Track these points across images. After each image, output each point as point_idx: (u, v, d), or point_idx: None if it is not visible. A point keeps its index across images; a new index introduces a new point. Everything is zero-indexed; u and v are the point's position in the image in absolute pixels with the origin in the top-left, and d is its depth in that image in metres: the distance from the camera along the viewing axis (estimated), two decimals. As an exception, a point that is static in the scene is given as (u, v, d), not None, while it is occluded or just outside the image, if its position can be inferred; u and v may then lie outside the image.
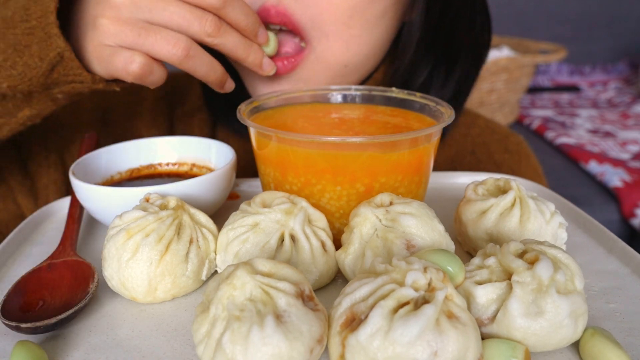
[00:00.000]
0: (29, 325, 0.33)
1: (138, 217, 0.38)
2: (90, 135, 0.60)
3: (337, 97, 0.55)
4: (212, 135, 0.77)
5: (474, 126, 0.77)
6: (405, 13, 0.63)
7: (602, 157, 1.35)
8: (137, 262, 0.37)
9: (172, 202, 0.40)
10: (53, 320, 0.34)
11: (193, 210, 0.42)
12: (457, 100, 0.69)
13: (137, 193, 0.44)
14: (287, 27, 0.55)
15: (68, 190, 0.68)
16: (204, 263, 0.40)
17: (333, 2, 0.54)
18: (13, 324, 0.33)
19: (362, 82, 0.68)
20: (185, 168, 0.56)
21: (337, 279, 0.42)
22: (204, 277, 0.40)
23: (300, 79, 0.59)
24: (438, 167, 0.74)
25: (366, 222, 0.39)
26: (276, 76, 0.58)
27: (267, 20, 0.54)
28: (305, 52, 0.57)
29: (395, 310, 0.29)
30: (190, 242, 0.39)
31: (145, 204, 0.40)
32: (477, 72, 0.70)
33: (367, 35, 0.58)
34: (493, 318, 0.32)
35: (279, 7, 0.54)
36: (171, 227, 0.38)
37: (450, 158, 0.75)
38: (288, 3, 0.54)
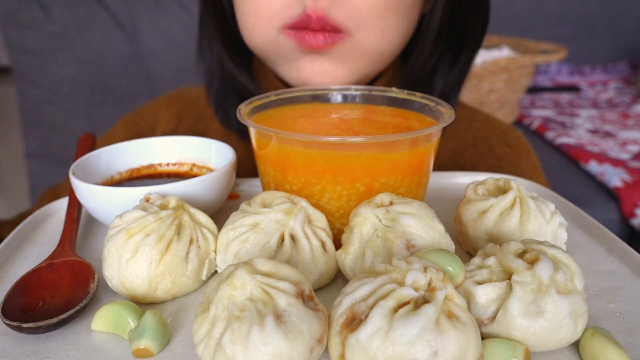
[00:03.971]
0: (30, 325, 0.33)
1: (138, 217, 0.38)
2: (87, 135, 0.60)
3: (337, 97, 0.55)
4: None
5: (474, 121, 0.78)
6: (424, 4, 0.65)
7: (602, 157, 1.35)
8: (137, 262, 0.37)
9: (172, 202, 0.40)
10: (54, 320, 0.34)
11: (193, 210, 0.42)
12: (457, 87, 0.72)
13: (137, 193, 0.43)
14: (326, 29, 0.57)
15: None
16: (204, 263, 0.40)
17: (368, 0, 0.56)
18: (15, 323, 0.33)
19: (379, 74, 0.69)
20: (185, 168, 0.56)
21: (337, 279, 0.42)
22: (204, 277, 0.40)
23: (338, 59, 0.60)
24: (440, 161, 0.75)
25: (366, 222, 0.39)
26: (316, 54, 0.59)
27: (309, 27, 0.56)
28: (345, 36, 0.58)
29: (396, 310, 0.29)
30: (191, 242, 0.39)
31: (145, 204, 0.40)
32: (473, 60, 0.72)
33: (400, 25, 0.61)
34: (493, 318, 0.32)
35: (318, 12, 0.55)
36: (171, 227, 0.38)
37: (452, 151, 0.76)
38: (325, 6, 0.55)
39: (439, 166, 0.74)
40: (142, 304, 0.38)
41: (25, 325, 0.33)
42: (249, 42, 0.64)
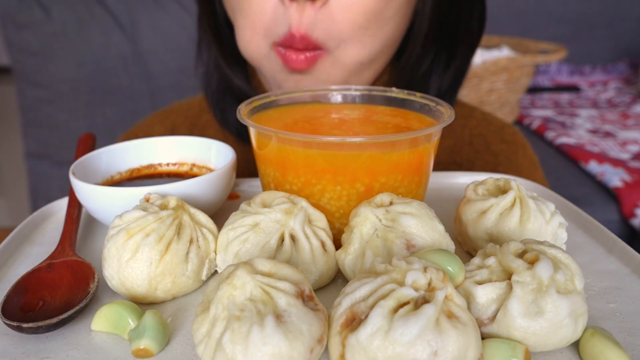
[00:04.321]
0: (30, 325, 0.33)
1: (138, 217, 0.38)
2: (87, 135, 0.60)
3: (337, 97, 0.55)
4: None
5: (471, 118, 0.79)
6: (417, 4, 0.65)
7: (602, 157, 1.35)
8: (137, 262, 0.37)
9: (172, 202, 0.40)
10: (55, 320, 0.34)
11: (193, 210, 0.42)
12: (454, 87, 0.71)
13: (137, 193, 0.43)
14: (308, 49, 0.57)
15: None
16: (204, 263, 0.40)
17: (350, 13, 0.56)
18: (15, 323, 0.33)
19: (373, 79, 0.69)
20: (185, 168, 0.56)
21: (337, 279, 0.42)
22: (204, 277, 0.40)
23: (319, 77, 0.61)
24: (437, 158, 0.75)
25: (366, 222, 0.39)
26: (297, 74, 0.60)
27: (292, 46, 0.57)
28: (323, 54, 0.59)
29: (396, 310, 0.29)
30: (191, 242, 0.39)
31: (145, 204, 0.40)
32: (471, 59, 0.72)
33: (381, 33, 0.60)
34: (493, 318, 0.32)
35: (302, 31, 0.56)
36: (171, 227, 0.38)
37: (449, 149, 0.76)
38: (308, 26, 0.56)
39: (436, 164, 0.73)
40: (142, 304, 0.38)
41: (25, 325, 0.33)
42: (246, 55, 0.64)
